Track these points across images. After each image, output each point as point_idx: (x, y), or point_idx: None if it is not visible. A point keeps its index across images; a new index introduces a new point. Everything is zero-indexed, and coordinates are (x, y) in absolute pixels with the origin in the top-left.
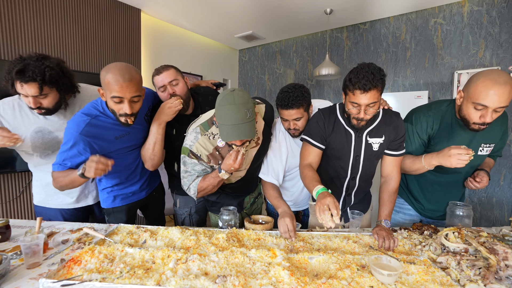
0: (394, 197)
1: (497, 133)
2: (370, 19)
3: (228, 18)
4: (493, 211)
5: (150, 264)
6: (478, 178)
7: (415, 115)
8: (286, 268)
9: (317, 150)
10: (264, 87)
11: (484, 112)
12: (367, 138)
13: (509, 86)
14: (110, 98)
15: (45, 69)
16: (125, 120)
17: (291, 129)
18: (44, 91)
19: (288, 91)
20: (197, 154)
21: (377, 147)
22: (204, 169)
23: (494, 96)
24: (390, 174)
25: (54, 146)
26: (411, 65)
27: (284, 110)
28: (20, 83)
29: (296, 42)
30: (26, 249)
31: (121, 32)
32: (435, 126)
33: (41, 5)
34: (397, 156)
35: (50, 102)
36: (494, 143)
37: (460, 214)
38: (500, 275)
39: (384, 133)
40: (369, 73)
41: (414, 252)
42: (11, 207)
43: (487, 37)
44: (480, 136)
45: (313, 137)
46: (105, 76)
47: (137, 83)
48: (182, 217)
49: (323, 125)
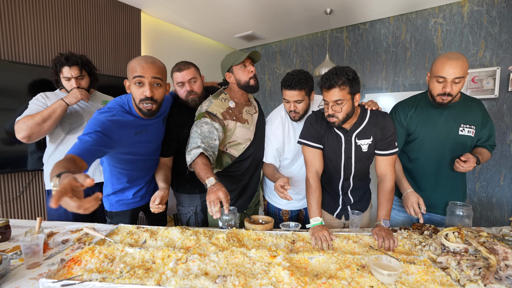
0: (391, 196)
1: (475, 116)
2: (370, 19)
3: (228, 18)
4: (493, 211)
5: (150, 264)
6: (463, 157)
7: (394, 106)
8: (286, 268)
9: (317, 151)
10: (264, 87)
11: (444, 84)
12: (356, 140)
13: (461, 60)
14: (132, 82)
15: (81, 57)
16: (146, 105)
17: (292, 111)
18: (82, 73)
19: (293, 74)
20: (213, 113)
21: (366, 148)
22: (209, 130)
23: (450, 68)
24: (384, 173)
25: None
26: (411, 65)
27: (287, 91)
28: (66, 67)
29: (296, 42)
30: (26, 249)
31: (121, 32)
32: (411, 111)
33: (41, 5)
34: (388, 156)
35: (86, 83)
36: (474, 126)
37: (460, 214)
38: (500, 275)
39: (372, 134)
40: None
41: (414, 252)
42: (11, 207)
43: (487, 37)
44: (458, 117)
45: (310, 139)
46: (130, 63)
47: (158, 67)
48: (187, 216)
49: (316, 126)
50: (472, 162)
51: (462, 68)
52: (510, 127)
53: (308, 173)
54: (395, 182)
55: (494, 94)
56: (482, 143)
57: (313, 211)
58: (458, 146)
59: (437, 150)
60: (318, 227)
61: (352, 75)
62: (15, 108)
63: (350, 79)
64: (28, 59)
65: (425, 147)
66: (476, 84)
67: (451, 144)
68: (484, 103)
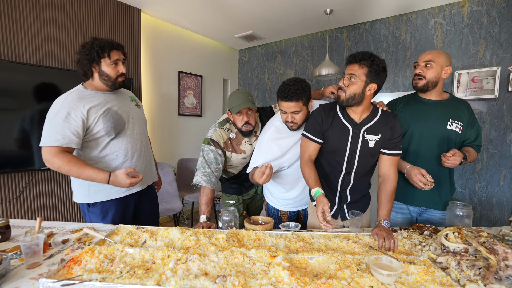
0: (392, 196)
1: (463, 114)
2: (370, 19)
3: (228, 18)
4: (493, 211)
5: (150, 264)
6: (449, 153)
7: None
8: (286, 268)
9: (315, 144)
10: (264, 87)
11: (418, 67)
12: (364, 134)
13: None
14: None
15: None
16: None
17: (289, 122)
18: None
19: (289, 84)
20: (217, 141)
21: (373, 144)
22: (215, 157)
23: (422, 55)
24: (387, 173)
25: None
26: (411, 65)
27: (284, 102)
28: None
29: (296, 42)
30: (26, 249)
31: (121, 32)
32: (401, 104)
33: (41, 5)
34: (393, 156)
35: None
36: (462, 123)
37: (460, 214)
38: (500, 275)
39: (381, 131)
40: None
41: (414, 252)
42: (11, 207)
43: (487, 37)
44: (447, 112)
45: (311, 132)
46: None
47: None
48: None
49: (321, 120)
50: (459, 157)
51: (433, 55)
52: (510, 127)
53: (303, 158)
54: None
55: (494, 94)
56: (470, 143)
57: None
58: (445, 141)
59: (426, 144)
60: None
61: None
62: (15, 108)
63: (374, 63)
64: (28, 59)
65: (414, 140)
66: (476, 84)
67: (438, 139)
68: (484, 103)
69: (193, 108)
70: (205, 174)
